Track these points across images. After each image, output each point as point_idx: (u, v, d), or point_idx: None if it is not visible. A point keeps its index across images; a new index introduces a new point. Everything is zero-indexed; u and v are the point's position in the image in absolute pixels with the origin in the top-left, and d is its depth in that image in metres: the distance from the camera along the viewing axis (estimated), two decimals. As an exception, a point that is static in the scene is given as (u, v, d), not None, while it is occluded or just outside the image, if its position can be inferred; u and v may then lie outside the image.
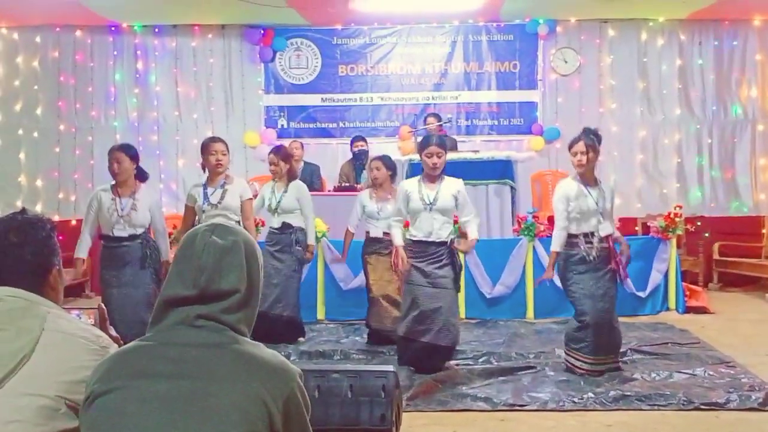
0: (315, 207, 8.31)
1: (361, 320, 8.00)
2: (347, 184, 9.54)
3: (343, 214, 8.80)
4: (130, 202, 6.05)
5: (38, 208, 10.90)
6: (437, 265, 5.89)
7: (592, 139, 5.82)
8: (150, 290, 6.03)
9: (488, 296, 8.28)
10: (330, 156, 11.03)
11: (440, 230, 5.93)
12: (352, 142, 10.03)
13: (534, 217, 8.58)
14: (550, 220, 9.25)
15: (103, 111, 11.17)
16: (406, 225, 6.31)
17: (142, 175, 6.21)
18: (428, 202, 5.91)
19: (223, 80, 11.23)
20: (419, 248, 5.96)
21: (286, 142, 10.33)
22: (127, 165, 6.06)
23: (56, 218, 10.87)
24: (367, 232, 7.23)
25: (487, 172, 9.01)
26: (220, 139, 6.69)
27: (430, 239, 5.93)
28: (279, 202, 7.14)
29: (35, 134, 11.02)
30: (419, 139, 9.80)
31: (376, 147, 10.51)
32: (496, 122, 11.28)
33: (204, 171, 6.71)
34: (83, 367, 2.00)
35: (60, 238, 7.14)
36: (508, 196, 9.04)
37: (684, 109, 11.13)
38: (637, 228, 10.26)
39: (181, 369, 1.76)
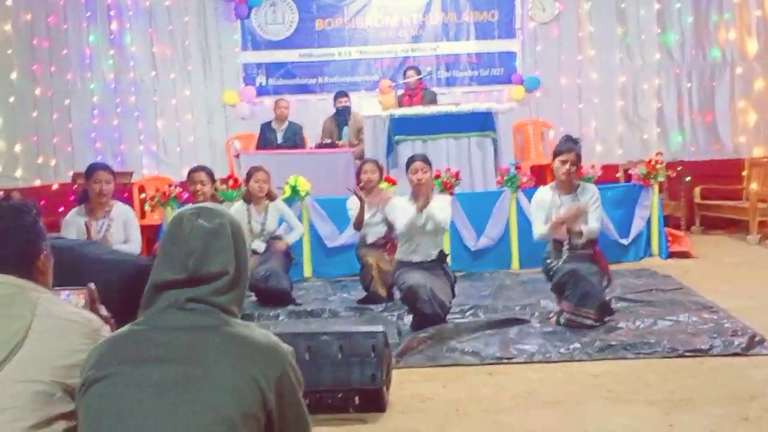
0: (298, 164, 8.34)
1: (348, 276, 8.06)
2: (329, 141, 9.52)
3: (326, 171, 8.83)
4: (105, 224, 5.95)
5: (18, 174, 10.81)
6: (425, 268, 5.96)
7: (577, 146, 5.85)
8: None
9: (473, 249, 8.33)
10: (311, 112, 10.97)
11: (428, 250, 5.99)
12: (335, 98, 9.97)
13: (516, 168, 8.59)
14: (533, 170, 9.32)
15: (79, 74, 11.06)
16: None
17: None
18: (418, 225, 5.90)
19: (199, 38, 11.14)
20: (404, 265, 6.03)
21: (267, 100, 10.34)
22: (111, 186, 6.00)
23: (38, 182, 10.82)
24: (364, 237, 7.19)
25: (469, 124, 9.01)
26: (202, 168, 6.50)
27: (419, 260, 5.98)
28: (263, 226, 7.05)
29: (11, 99, 10.83)
30: (399, 92, 9.84)
31: (357, 101, 10.48)
32: (475, 73, 11.26)
33: (191, 199, 6.63)
34: (76, 351, 2.02)
35: (42, 202, 7.08)
36: (490, 148, 9.07)
37: (663, 54, 11.13)
38: (618, 174, 10.31)
39: (173, 353, 1.78)
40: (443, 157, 8.78)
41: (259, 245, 7.04)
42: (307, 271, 8.35)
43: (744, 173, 10.65)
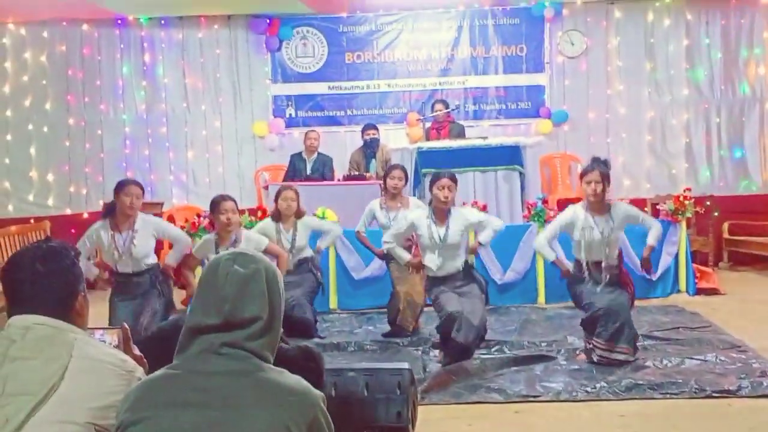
0: (325, 196, 8.38)
1: (374, 308, 8.08)
2: (357, 173, 9.57)
3: (353, 202, 8.85)
4: (129, 236, 5.99)
5: (50, 202, 11.03)
6: (457, 285, 5.97)
7: (605, 168, 5.86)
8: (157, 315, 6.00)
9: (499, 282, 8.32)
10: (338, 144, 11.03)
11: (451, 263, 6.01)
12: (363, 131, 10.03)
13: (543, 202, 8.59)
14: (560, 204, 9.31)
15: (111, 104, 11.23)
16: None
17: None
18: (438, 241, 5.96)
19: (230, 71, 11.26)
20: (434, 281, 6.05)
21: (296, 132, 10.44)
22: (141, 201, 6.05)
23: (68, 211, 10.98)
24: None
25: (496, 158, 9.05)
26: (228, 198, 6.44)
27: (441, 274, 6.01)
28: (293, 242, 6.99)
29: (45, 129, 11.07)
30: (427, 125, 9.90)
31: (385, 134, 10.55)
32: (503, 106, 11.30)
33: (213, 228, 6.60)
34: (111, 393, 2.07)
35: (72, 231, 7.20)
36: (517, 181, 9.09)
37: (691, 89, 11.12)
38: (646, 209, 10.25)
39: (207, 398, 1.82)
40: (470, 191, 8.82)
41: (290, 261, 6.93)
42: (333, 302, 8.37)
43: (773, 209, 10.57)
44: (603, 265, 5.87)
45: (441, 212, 6.04)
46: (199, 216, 8.48)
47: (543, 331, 7.00)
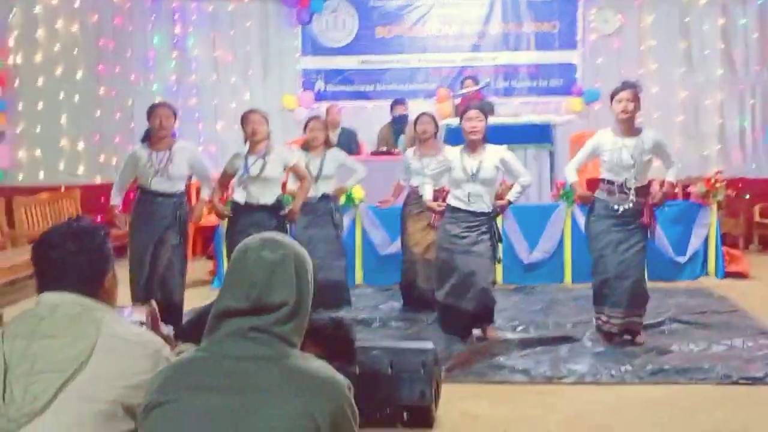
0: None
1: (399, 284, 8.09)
2: (385, 148, 9.54)
3: (381, 179, 8.80)
4: (167, 155, 6.19)
5: (80, 171, 11.09)
6: (474, 234, 5.88)
7: (635, 89, 5.74)
8: (172, 251, 6.24)
9: (526, 262, 8.29)
10: (366, 119, 10.99)
11: (482, 201, 5.91)
12: (392, 106, 9.99)
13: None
14: (589, 184, 9.24)
15: (142, 75, 11.27)
16: (445, 193, 6.32)
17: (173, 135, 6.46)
18: (471, 173, 5.86)
19: (261, 44, 11.27)
20: (458, 215, 5.95)
21: (323, 106, 10.36)
22: (171, 121, 6.26)
23: (98, 180, 11.06)
24: (414, 187, 7.11)
25: (526, 135, 8.96)
26: (256, 110, 6.57)
27: (470, 209, 5.91)
28: (320, 170, 7.09)
29: (76, 98, 11.12)
30: (457, 101, 9.83)
31: (414, 109, 10.48)
32: (534, 84, 11.22)
33: (245, 142, 6.71)
34: (138, 372, 2.09)
35: (101, 200, 7.37)
36: (546, 160, 9.02)
37: (726, 70, 10.97)
38: (676, 190, 10.16)
39: (233, 383, 1.83)
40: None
41: (315, 188, 7.01)
42: (359, 278, 8.39)
43: (805, 192, 10.44)
44: (630, 189, 5.73)
45: (474, 144, 5.93)
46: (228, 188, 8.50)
47: (569, 312, 6.97)
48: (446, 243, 5.94)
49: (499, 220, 6.61)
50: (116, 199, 6.47)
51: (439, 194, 6.58)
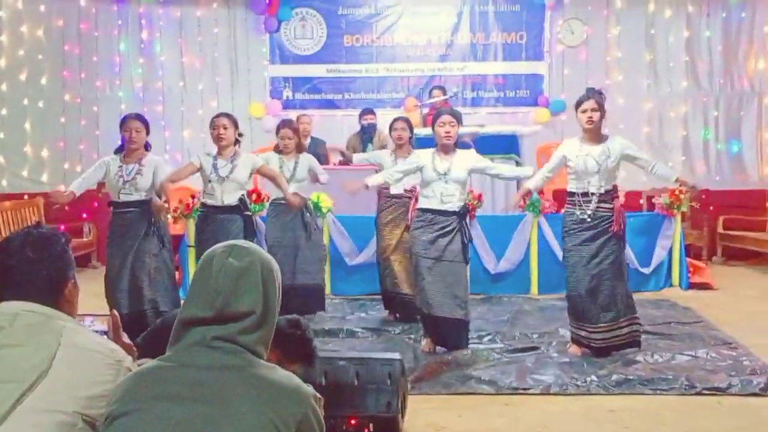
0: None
1: (366, 295, 8.08)
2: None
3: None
4: (136, 168, 6.23)
5: (44, 178, 10.96)
6: (445, 235, 5.89)
7: (600, 97, 5.80)
8: (154, 258, 6.25)
9: (492, 272, 8.32)
10: (335, 128, 10.96)
11: (452, 198, 5.93)
12: (360, 115, 9.95)
13: (539, 192, 8.56)
14: (556, 195, 9.29)
15: (108, 81, 11.15)
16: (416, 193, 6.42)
17: (147, 146, 6.45)
18: (442, 173, 5.91)
19: (228, 50, 11.20)
20: (429, 217, 5.96)
21: (293, 115, 10.31)
22: (142, 134, 6.31)
23: (62, 188, 10.87)
24: (386, 189, 7.13)
25: (493, 146, 8.99)
26: (225, 114, 6.70)
27: (440, 207, 5.93)
28: (293, 172, 7.07)
29: (40, 104, 10.98)
30: (424, 111, 9.85)
31: (382, 119, 10.48)
32: (502, 94, 11.27)
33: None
34: (99, 382, 2.05)
35: (65, 208, 7.33)
36: (513, 171, 9.03)
37: (690, 82, 11.10)
38: (641, 202, 10.27)
39: (196, 393, 1.80)
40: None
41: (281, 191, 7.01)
42: (326, 288, 8.33)
43: (768, 205, 10.58)
44: (592, 196, 5.76)
45: (446, 148, 5.99)
46: (193, 197, 8.44)
47: (535, 323, 7.00)
48: (419, 249, 5.94)
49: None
50: (74, 186, 6.37)
51: (411, 193, 6.73)
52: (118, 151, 6.44)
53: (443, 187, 5.91)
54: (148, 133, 6.41)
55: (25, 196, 10.45)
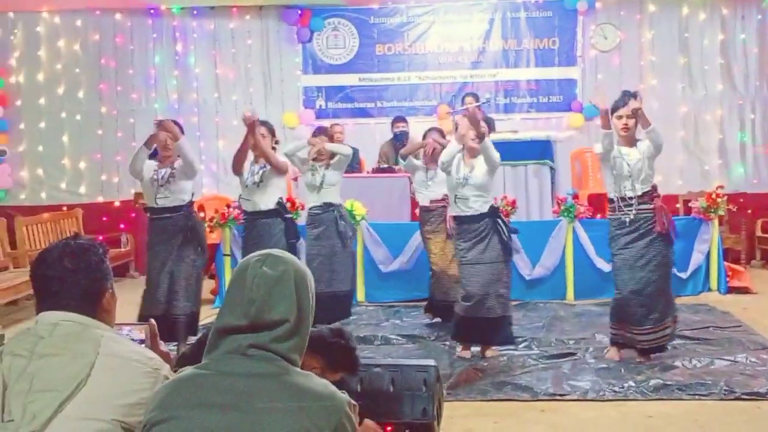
0: (354, 188, 8.32)
1: (401, 302, 8.11)
2: (386, 166, 9.54)
3: (382, 195, 8.86)
4: (169, 171, 6.28)
5: (82, 190, 11.14)
6: (481, 240, 5.92)
7: (636, 102, 5.76)
8: (192, 264, 6.31)
9: (528, 278, 8.28)
10: (368, 136, 10.99)
11: (475, 204, 5.97)
12: (392, 123, 10.01)
13: (574, 197, 8.54)
14: (591, 199, 9.24)
15: (143, 93, 11.30)
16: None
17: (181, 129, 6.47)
18: (463, 177, 5.98)
19: (262, 61, 11.28)
20: (460, 225, 6.02)
21: (326, 123, 10.35)
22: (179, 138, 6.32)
23: (100, 199, 11.09)
24: (424, 206, 7.21)
25: (527, 152, 9.01)
26: (262, 122, 6.73)
27: (468, 213, 5.97)
28: (323, 178, 6.99)
29: (78, 117, 11.17)
30: (457, 118, 9.83)
31: (415, 127, 10.50)
32: (534, 100, 11.22)
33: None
34: (137, 390, 2.08)
35: (103, 219, 7.49)
36: (547, 176, 9.05)
37: (726, 85, 10.99)
38: (678, 206, 10.17)
39: (232, 400, 1.82)
40: (500, 185, 8.76)
41: (315, 200, 7.01)
42: (360, 295, 8.37)
43: (806, 207, 10.42)
44: (632, 200, 5.76)
45: (471, 151, 6.04)
46: (228, 206, 8.53)
47: (571, 329, 6.96)
48: (459, 257, 6.04)
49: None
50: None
51: (443, 202, 6.83)
52: (152, 156, 6.49)
53: (462, 191, 5.99)
54: (181, 134, 6.37)
55: (64, 208, 10.62)
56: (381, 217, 8.53)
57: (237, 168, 6.70)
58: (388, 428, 4.11)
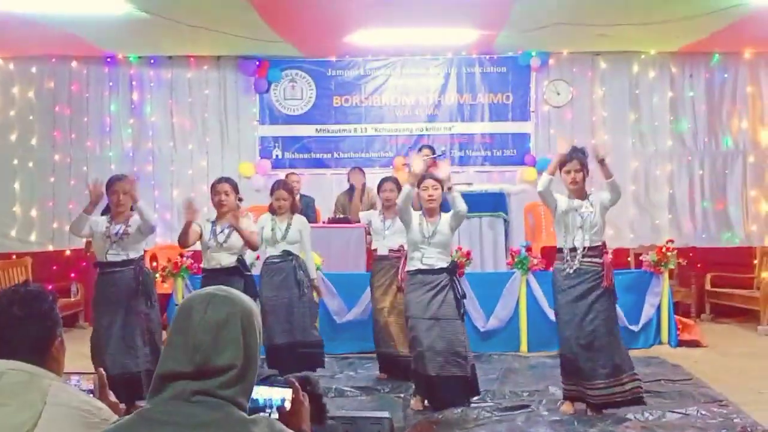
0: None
1: (355, 354, 8.06)
2: (342, 216, 9.57)
3: (338, 246, 8.87)
4: (123, 227, 6.18)
5: (32, 238, 10.96)
6: (438, 293, 5.94)
7: (583, 157, 5.90)
8: (147, 318, 6.20)
9: (482, 329, 8.30)
10: (325, 186, 11.05)
11: (437, 260, 6.02)
12: (349, 174, 10.07)
13: (527, 249, 8.62)
14: (544, 252, 9.33)
15: (98, 141, 11.21)
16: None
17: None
18: (426, 236, 6.01)
19: (219, 111, 11.29)
20: (419, 278, 6.01)
21: (282, 173, 10.37)
22: (129, 196, 6.21)
23: (50, 248, 10.91)
24: (374, 251, 7.25)
25: (481, 204, 9.06)
26: (226, 179, 6.67)
27: (427, 267, 5.99)
28: (285, 233, 6.97)
29: (30, 164, 11.04)
30: (413, 160, 9.91)
31: (371, 178, 10.55)
32: (489, 153, 11.36)
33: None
34: (85, 441, 2.04)
35: (53, 268, 7.37)
36: (501, 228, 9.14)
37: (675, 141, 11.23)
38: (629, 259, 10.32)
39: None
40: (455, 237, 8.78)
41: (273, 251, 6.98)
42: (318, 346, 8.29)
43: (755, 262, 10.61)
44: (577, 251, 5.82)
45: (431, 211, 6.12)
46: (182, 255, 8.46)
47: (525, 381, 6.99)
48: (415, 311, 5.97)
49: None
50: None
51: (398, 253, 6.83)
52: (104, 212, 6.41)
53: (427, 250, 6.01)
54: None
55: (14, 256, 10.43)
56: (336, 267, 8.51)
57: (184, 245, 6.60)
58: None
